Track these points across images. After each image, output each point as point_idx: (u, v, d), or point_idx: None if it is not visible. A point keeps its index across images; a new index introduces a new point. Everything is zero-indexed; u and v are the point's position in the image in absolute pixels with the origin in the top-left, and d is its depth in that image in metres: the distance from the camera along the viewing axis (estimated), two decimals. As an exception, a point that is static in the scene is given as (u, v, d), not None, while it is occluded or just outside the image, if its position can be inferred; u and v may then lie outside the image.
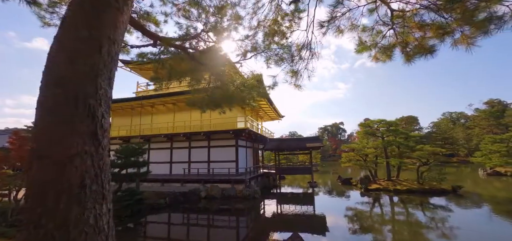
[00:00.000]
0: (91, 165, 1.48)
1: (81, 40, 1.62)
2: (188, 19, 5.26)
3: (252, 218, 12.76)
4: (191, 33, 5.62)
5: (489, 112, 54.76)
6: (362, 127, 20.67)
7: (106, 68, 1.70)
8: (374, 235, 9.37)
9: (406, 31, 3.15)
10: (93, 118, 1.55)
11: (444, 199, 14.91)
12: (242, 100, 7.02)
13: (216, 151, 18.88)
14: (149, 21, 5.36)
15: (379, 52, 3.56)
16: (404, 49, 3.30)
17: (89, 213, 1.41)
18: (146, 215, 12.77)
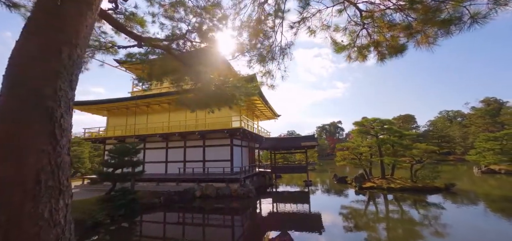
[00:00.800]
0: (47, 163, 1.57)
1: (40, 44, 1.70)
2: (172, 20, 5.33)
3: (246, 217, 12.86)
4: (177, 34, 5.71)
5: (485, 111, 55.09)
6: (356, 125, 20.81)
7: (67, 71, 1.79)
8: (364, 232, 9.51)
9: (377, 31, 3.24)
10: (51, 118, 1.64)
11: (436, 197, 15.07)
12: (229, 100, 7.10)
13: (211, 150, 18.97)
14: (134, 22, 5.44)
15: (354, 52, 3.65)
16: (377, 48, 3.39)
17: (43, 208, 1.50)
18: (140, 215, 12.81)
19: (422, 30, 2.69)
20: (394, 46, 3.10)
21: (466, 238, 8.42)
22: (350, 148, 20.47)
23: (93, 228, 10.27)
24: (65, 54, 1.78)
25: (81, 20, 1.92)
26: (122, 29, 4.56)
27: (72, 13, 1.85)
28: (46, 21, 1.77)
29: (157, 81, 6.80)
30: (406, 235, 9.12)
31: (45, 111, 1.62)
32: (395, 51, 3.14)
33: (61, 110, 1.72)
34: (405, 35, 2.94)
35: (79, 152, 27.63)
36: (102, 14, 4.47)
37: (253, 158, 24.51)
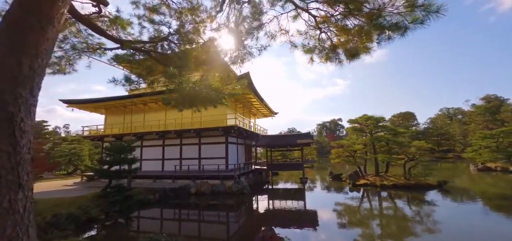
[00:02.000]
0: (7, 160, 1.83)
1: (2, 56, 1.96)
2: (153, 23, 5.57)
3: (238, 213, 13.14)
4: (158, 36, 5.94)
5: (485, 108, 54.83)
6: (351, 123, 20.98)
7: (28, 79, 2.04)
8: (351, 226, 9.76)
9: (334, 35, 3.45)
10: (11, 122, 1.89)
11: (428, 194, 15.26)
12: (213, 100, 7.33)
13: (206, 148, 19.27)
14: (118, 25, 5.68)
15: (316, 54, 3.86)
16: (333, 51, 3.61)
17: (2, 198, 1.76)
18: (135, 211, 13.11)
19: (365, 34, 2.91)
20: (348, 48, 3.32)
21: (450, 232, 8.63)
22: (344, 146, 20.67)
23: (87, 223, 10.59)
24: (26, 65, 2.02)
25: (43, 33, 2.16)
26: (102, 33, 4.81)
27: (33, 27, 2.09)
28: (8, 35, 2.01)
29: (144, 80, 7.06)
30: (392, 230, 9.36)
31: (5, 116, 1.87)
32: (351, 54, 3.35)
33: (21, 115, 1.96)
34: (359, 39, 3.15)
35: (79, 150, 28.06)
36: (81, 19, 4.72)
37: (249, 155, 24.79)
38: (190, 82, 5.39)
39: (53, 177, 25.61)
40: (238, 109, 23.15)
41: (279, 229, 9.53)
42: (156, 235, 4.75)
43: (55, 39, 2.34)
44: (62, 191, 16.21)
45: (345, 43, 3.34)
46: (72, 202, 12.12)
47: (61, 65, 5.98)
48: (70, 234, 8.86)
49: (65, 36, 6.15)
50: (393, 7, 2.66)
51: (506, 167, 25.25)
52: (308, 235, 8.92)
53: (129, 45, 5.05)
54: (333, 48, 3.57)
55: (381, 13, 2.64)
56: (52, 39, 2.31)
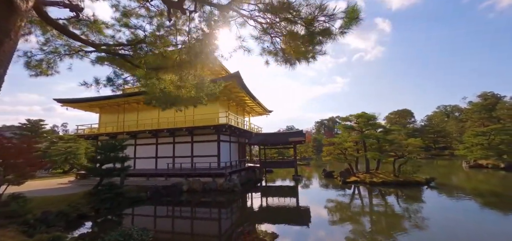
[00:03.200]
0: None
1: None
2: (129, 27, 5.79)
3: (226, 210, 13.42)
4: (137, 38, 6.17)
5: (481, 105, 55.04)
6: (342, 121, 21.22)
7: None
8: (335, 221, 10.05)
9: (283, 41, 3.68)
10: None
11: (415, 190, 15.55)
12: (194, 100, 7.57)
13: (199, 146, 19.53)
14: (94, 28, 5.90)
15: (271, 57, 4.10)
16: (284, 54, 3.84)
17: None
18: (127, 208, 13.37)
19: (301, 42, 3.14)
20: (299, 52, 3.55)
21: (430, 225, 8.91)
22: (336, 144, 20.93)
23: (77, 220, 10.86)
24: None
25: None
26: (76, 38, 5.03)
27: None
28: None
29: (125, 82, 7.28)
30: (376, 225, 9.63)
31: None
32: (301, 55, 3.59)
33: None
34: (304, 45, 3.39)
35: (75, 149, 28.32)
36: (54, 25, 4.95)
37: (243, 153, 25.06)
38: (163, 84, 5.60)
39: (49, 176, 25.90)
40: (231, 107, 23.38)
41: (267, 225, 9.83)
42: (129, 229, 5.00)
43: (12, 50, 2.57)
44: (56, 189, 16.50)
45: (291, 48, 3.57)
46: (63, 200, 12.39)
47: (42, 67, 6.20)
48: (59, 230, 9.13)
49: (47, 39, 6.37)
50: (324, 16, 2.88)
51: (497, 164, 25.54)
52: (294, 230, 9.20)
53: (103, 49, 5.27)
54: (282, 51, 3.80)
55: (314, 21, 2.86)
56: (9, 52, 2.55)
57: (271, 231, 8.75)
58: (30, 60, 5.93)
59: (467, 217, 10.45)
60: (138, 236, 4.85)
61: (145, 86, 5.87)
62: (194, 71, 5.80)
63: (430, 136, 59.24)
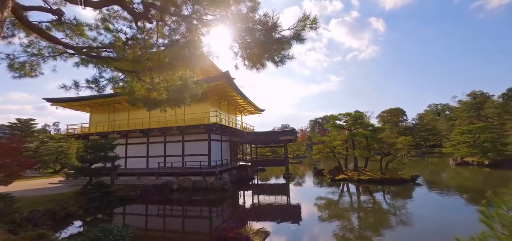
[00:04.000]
0: None
1: None
2: (110, 31, 5.96)
3: (215, 208, 13.64)
4: (119, 41, 6.34)
5: (470, 104, 56.32)
6: (331, 120, 21.61)
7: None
8: (318, 216, 10.39)
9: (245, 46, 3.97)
10: None
11: (399, 187, 16.02)
12: (178, 101, 7.77)
13: (190, 145, 19.68)
14: (77, 31, 6.06)
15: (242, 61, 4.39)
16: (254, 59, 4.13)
17: None
18: (117, 207, 13.47)
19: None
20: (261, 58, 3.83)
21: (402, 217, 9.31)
22: (325, 142, 21.32)
23: (65, 219, 10.96)
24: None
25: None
26: (58, 42, 5.19)
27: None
28: None
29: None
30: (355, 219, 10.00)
31: None
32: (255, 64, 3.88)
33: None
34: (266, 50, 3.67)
35: (66, 148, 28.14)
36: (35, 30, 5.10)
37: (235, 152, 25.28)
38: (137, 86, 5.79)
39: (39, 176, 25.73)
40: (223, 106, 23.57)
41: (252, 221, 10.10)
42: (108, 226, 5.20)
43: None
44: (46, 189, 16.50)
45: (254, 54, 3.86)
46: (52, 199, 12.46)
47: (25, 69, 6.32)
48: (46, 229, 9.23)
49: (31, 41, 6.49)
50: (281, 28, 3.14)
51: (482, 161, 26.30)
52: (278, 224, 9.50)
53: (84, 52, 5.44)
54: (248, 57, 4.07)
55: (274, 31, 3.11)
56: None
57: (256, 226, 9.05)
58: (12, 62, 6.05)
59: (443, 212, 10.89)
60: (118, 232, 5.05)
61: (125, 88, 6.03)
62: (173, 72, 5.99)
63: (421, 134, 60.36)
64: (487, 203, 3.32)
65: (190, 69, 7.05)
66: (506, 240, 3.12)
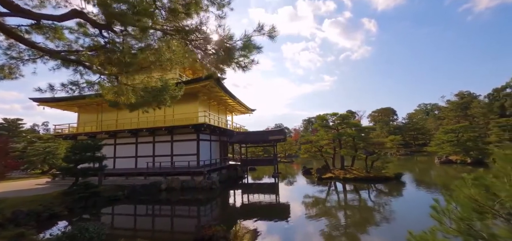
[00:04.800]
0: None
1: None
2: (88, 35, 6.12)
3: (201, 207, 13.86)
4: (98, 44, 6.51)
5: (457, 104, 57.87)
6: (318, 119, 22.05)
7: None
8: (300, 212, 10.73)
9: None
10: None
11: (382, 185, 16.53)
12: (159, 102, 7.96)
13: (179, 145, 19.80)
14: (56, 35, 6.20)
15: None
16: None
17: None
18: (104, 208, 13.51)
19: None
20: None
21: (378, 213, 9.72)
22: (313, 142, 21.74)
23: (49, 219, 11.00)
24: None
25: None
26: (32, 46, 5.34)
27: None
28: None
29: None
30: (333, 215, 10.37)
31: None
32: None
33: None
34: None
35: (54, 149, 27.84)
36: (11, 34, 5.25)
37: (225, 151, 25.47)
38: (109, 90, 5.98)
39: (27, 176, 25.44)
40: (213, 106, 23.73)
41: (235, 219, 10.37)
42: (85, 224, 5.39)
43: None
44: (32, 190, 16.40)
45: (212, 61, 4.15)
46: (37, 200, 12.45)
47: (4, 72, 6.42)
48: (28, 229, 9.29)
49: (11, 43, 6.59)
50: (233, 41, 3.41)
51: (465, 159, 27.20)
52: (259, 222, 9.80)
53: (59, 56, 5.60)
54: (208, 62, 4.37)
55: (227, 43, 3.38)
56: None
57: (239, 224, 9.32)
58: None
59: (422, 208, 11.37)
60: (93, 229, 5.24)
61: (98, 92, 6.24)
62: (149, 75, 6.20)
63: (411, 134, 61.67)
64: (438, 199, 3.63)
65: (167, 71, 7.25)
66: (453, 233, 3.45)
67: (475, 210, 3.54)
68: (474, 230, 3.42)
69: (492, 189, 3.51)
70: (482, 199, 3.61)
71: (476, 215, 3.52)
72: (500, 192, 3.45)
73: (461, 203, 3.60)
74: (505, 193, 3.41)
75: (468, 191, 3.62)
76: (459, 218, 3.62)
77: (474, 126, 28.39)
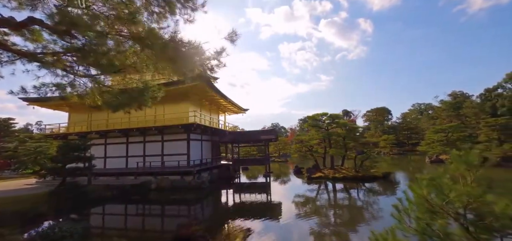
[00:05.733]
0: None
1: None
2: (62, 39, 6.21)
3: (187, 206, 13.98)
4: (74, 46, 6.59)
5: (449, 104, 58.57)
6: (309, 119, 22.25)
7: None
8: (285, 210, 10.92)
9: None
10: None
11: (370, 184, 16.79)
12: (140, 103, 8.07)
13: (169, 144, 19.86)
14: (34, 37, 6.27)
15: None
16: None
17: None
18: (93, 207, 13.52)
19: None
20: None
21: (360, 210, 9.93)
22: (303, 141, 21.93)
23: (35, 219, 11.01)
24: None
25: None
26: (8, 49, 5.41)
27: None
28: None
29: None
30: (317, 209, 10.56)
31: None
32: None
33: None
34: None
35: (45, 148, 27.64)
36: None
37: (217, 151, 25.56)
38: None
39: (17, 176, 25.25)
40: (205, 106, 23.81)
41: (218, 218, 10.51)
42: (59, 223, 5.48)
43: None
44: (20, 190, 16.32)
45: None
46: (24, 200, 12.46)
47: (-19, 72, 6.48)
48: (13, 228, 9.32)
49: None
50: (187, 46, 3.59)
51: (454, 159, 27.60)
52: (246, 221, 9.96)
53: (33, 58, 5.68)
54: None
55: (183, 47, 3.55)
56: None
57: (221, 223, 9.45)
58: (-34, 66, 6.21)
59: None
60: (66, 228, 5.33)
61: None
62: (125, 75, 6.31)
63: (404, 133, 62.31)
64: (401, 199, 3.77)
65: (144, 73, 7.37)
66: (412, 232, 3.60)
67: (428, 210, 3.70)
68: (432, 229, 3.58)
69: (444, 190, 3.67)
70: (434, 199, 3.77)
71: (429, 214, 3.68)
72: (450, 192, 3.61)
73: (416, 203, 3.76)
74: (454, 194, 3.57)
75: (421, 191, 3.78)
76: (417, 218, 3.78)
77: (462, 126, 28.83)
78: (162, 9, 3.78)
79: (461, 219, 3.38)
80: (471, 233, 3.25)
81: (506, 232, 3.20)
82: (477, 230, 3.30)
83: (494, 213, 3.23)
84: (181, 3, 3.93)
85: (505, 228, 3.27)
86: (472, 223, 3.33)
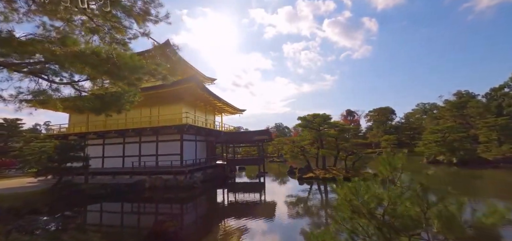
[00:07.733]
0: None
1: None
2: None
3: (175, 204, 14.50)
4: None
5: (453, 103, 57.71)
6: (301, 120, 22.48)
7: None
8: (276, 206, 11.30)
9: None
10: None
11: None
12: (120, 106, 8.61)
13: (164, 145, 20.48)
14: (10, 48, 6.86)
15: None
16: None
17: None
18: (87, 205, 14.17)
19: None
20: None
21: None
22: (295, 142, 22.22)
23: (29, 215, 11.67)
24: None
25: None
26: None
27: None
28: None
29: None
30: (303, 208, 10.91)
31: None
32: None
33: None
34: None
35: (49, 148, 28.73)
36: None
37: (212, 151, 26.08)
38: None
39: (23, 175, 26.37)
40: (200, 107, 24.37)
41: (199, 215, 10.97)
42: (37, 217, 6.01)
43: None
44: (22, 187, 17.18)
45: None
46: (22, 197, 13.17)
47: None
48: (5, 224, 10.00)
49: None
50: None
51: (451, 159, 27.40)
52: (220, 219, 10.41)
53: (13, 68, 6.24)
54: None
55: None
56: None
57: (196, 220, 9.90)
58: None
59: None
60: (41, 226, 5.85)
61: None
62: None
63: (407, 133, 61.61)
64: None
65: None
66: (346, 231, 3.95)
67: (352, 211, 4.07)
68: (362, 228, 3.94)
69: (359, 192, 4.04)
70: (354, 201, 4.13)
71: (351, 214, 4.06)
72: (364, 194, 3.98)
73: (340, 204, 4.14)
74: (368, 195, 3.95)
75: (343, 193, 4.16)
76: (349, 218, 4.16)
77: (459, 127, 28.56)
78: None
79: (375, 220, 3.74)
80: (384, 232, 3.60)
81: (411, 232, 3.54)
82: (387, 230, 3.66)
83: (401, 214, 3.60)
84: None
85: (406, 228, 3.62)
86: (384, 223, 3.69)
